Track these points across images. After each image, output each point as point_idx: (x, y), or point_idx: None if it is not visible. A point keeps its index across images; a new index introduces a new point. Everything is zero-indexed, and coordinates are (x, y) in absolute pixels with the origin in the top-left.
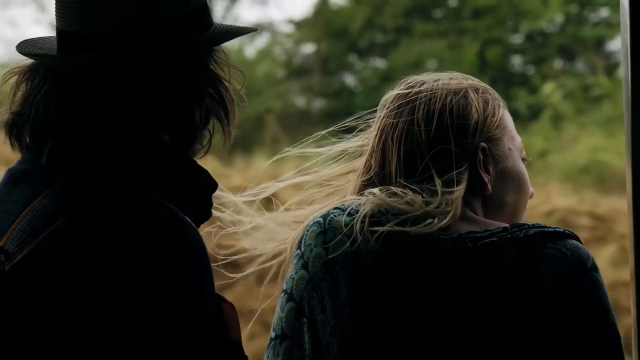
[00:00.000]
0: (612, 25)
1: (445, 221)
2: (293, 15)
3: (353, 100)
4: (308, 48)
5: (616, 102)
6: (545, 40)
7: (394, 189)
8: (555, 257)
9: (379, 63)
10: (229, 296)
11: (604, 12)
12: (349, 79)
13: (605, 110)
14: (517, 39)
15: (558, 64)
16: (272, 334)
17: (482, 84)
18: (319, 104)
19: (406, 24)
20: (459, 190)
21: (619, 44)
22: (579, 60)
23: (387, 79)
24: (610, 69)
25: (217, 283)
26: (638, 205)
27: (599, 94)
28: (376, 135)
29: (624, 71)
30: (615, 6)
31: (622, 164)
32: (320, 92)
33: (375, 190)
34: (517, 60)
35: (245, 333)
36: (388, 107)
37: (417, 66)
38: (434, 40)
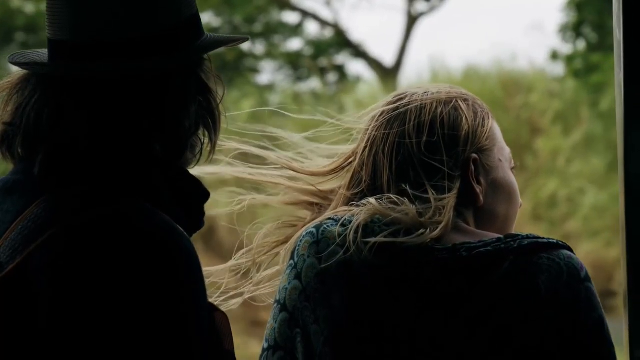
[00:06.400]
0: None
1: (437, 231)
2: None
3: None
4: None
5: None
6: None
7: (389, 197)
8: (550, 268)
9: None
10: None
11: None
12: None
13: None
14: None
15: None
16: (265, 345)
17: (470, 95)
18: None
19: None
20: (450, 197)
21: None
22: None
23: None
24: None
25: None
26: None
27: None
28: (365, 147)
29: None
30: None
31: None
32: None
33: (372, 199)
34: None
35: None
36: (377, 120)
37: None
38: None
